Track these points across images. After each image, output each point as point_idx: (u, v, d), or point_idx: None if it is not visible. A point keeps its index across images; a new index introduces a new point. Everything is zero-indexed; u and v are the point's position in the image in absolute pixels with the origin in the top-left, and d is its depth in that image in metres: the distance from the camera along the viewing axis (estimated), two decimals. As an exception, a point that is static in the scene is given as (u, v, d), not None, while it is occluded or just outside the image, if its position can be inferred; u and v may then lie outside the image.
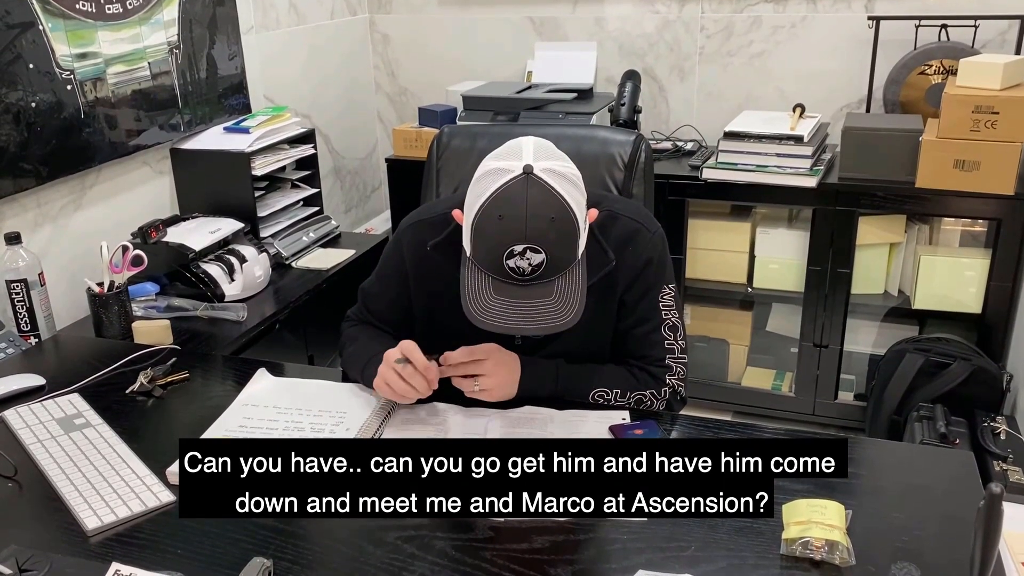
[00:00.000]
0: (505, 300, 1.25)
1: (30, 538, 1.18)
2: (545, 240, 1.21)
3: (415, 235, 1.51)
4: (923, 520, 1.16)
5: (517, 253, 1.21)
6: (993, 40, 2.69)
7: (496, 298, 1.25)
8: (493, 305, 1.25)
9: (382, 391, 1.42)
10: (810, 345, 2.77)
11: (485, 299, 1.26)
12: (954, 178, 2.44)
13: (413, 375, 1.38)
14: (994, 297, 2.55)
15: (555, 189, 1.22)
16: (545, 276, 1.24)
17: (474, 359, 1.41)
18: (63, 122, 2.04)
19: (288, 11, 2.93)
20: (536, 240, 1.21)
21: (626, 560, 1.10)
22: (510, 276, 1.24)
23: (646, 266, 1.46)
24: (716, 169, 2.68)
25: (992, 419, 2.34)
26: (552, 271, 1.24)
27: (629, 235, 1.46)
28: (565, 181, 1.24)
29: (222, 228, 2.27)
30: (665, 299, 1.49)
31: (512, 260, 1.22)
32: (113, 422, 1.45)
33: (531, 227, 1.20)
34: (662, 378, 1.49)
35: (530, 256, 1.21)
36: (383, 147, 3.55)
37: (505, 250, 1.21)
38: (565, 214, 1.22)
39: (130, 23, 2.22)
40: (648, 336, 1.49)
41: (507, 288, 1.25)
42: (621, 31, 3.09)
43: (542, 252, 1.21)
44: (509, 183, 1.22)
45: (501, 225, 1.21)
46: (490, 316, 1.25)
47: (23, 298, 1.87)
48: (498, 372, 1.41)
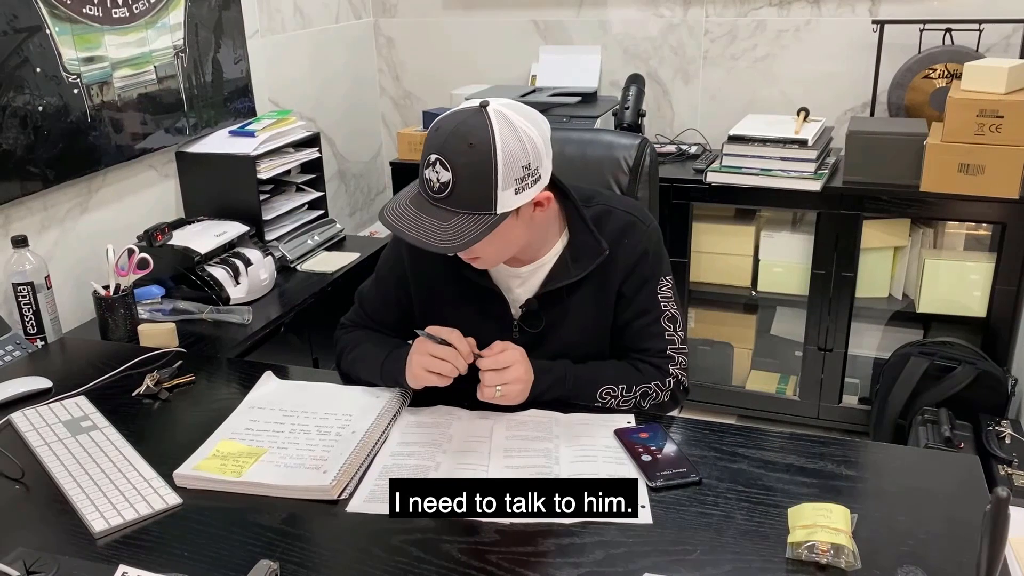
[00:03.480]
0: (410, 209, 1.31)
1: (37, 540, 1.18)
2: (455, 160, 1.26)
3: None
4: (928, 524, 1.16)
5: (430, 163, 1.28)
6: (998, 44, 2.69)
7: (407, 205, 1.32)
8: (400, 207, 1.32)
9: (422, 380, 1.39)
10: (814, 349, 2.77)
11: (400, 202, 1.33)
12: (958, 182, 2.44)
13: (456, 356, 1.37)
14: (999, 301, 2.55)
15: (495, 127, 1.27)
16: (447, 202, 1.28)
17: (501, 366, 1.38)
18: (69, 126, 2.05)
19: (293, 15, 2.94)
20: (447, 156, 1.26)
21: (631, 563, 1.10)
22: (425, 188, 1.30)
23: (642, 257, 1.48)
24: (720, 173, 2.68)
25: (997, 423, 2.34)
26: (455, 199, 1.28)
27: (624, 228, 1.48)
28: (511, 130, 1.28)
29: (227, 231, 2.28)
30: (663, 291, 1.50)
31: (428, 170, 1.29)
32: (119, 425, 1.45)
33: (448, 143, 1.27)
34: (665, 369, 1.50)
35: (439, 171, 1.27)
36: (387, 150, 3.56)
37: (426, 158, 1.29)
38: (485, 147, 1.26)
39: (136, 27, 2.23)
40: (648, 328, 1.50)
41: (419, 201, 1.32)
42: (625, 35, 3.10)
43: (449, 171, 1.26)
44: (462, 109, 1.30)
45: (432, 134, 1.29)
46: (391, 215, 1.31)
47: (29, 301, 1.88)
48: (520, 380, 1.39)
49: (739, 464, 1.30)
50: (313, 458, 1.32)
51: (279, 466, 1.30)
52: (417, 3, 3.33)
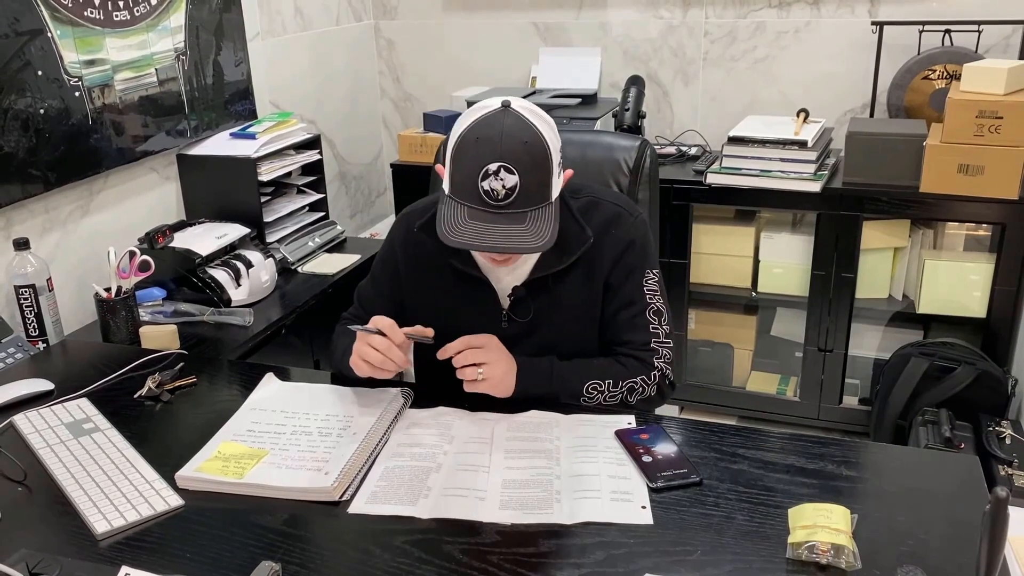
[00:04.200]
0: (478, 224, 1.28)
1: (40, 542, 1.18)
2: (519, 161, 1.26)
3: (404, 224, 1.57)
4: (928, 524, 1.16)
5: (492, 173, 1.26)
6: (997, 45, 2.70)
7: (469, 221, 1.28)
8: (465, 227, 1.28)
9: (359, 368, 1.44)
10: (815, 349, 2.77)
11: (459, 223, 1.29)
12: (958, 183, 2.44)
13: (388, 347, 1.39)
14: (999, 301, 2.55)
15: (529, 120, 1.29)
16: (518, 204, 1.28)
17: (472, 347, 1.41)
18: (71, 128, 2.06)
19: (294, 17, 2.94)
20: (509, 159, 1.26)
21: (632, 564, 1.10)
22: (484, 201, 1.27)
23: (628, 248, 1.49)
24: (720, 174, 2.68)
25: (997, 423, 2.35)
26: (525, 199, 1.27)
27: (611, 219, 1.49)
28: (540, 119, 1.31)
29: (228, 233, 2.28)
30: (649, 283, 1.51)
31: (487, 181, 1.26)
32: (121, 426, 1.46)
33: (505, 146, 1.26)
34: (650, 362, 1.50)
35: (504, 177, 1.26)
36: (388, 152, 3.56)
37: (480, 169, 1.26)
38: (538, 141, 1.28)
39: (137, 30, 2.24)
40: (633, 320, 1.51)
41: (481, 214, 1.28)
42: (625, 36, 3.10)
43: (515, 173, 1.26)
44: (487, 114, 1.29)
45: (478, 147, 1.27)
46: (462, 236, 1.27)
47: (31, 303, 1.88)
48: (500, 361, 1.42)
49: (739, 465, 1.30)
50: (315, 459, 1.32)
51: (281, 467, 1.31)
52: (417, 5, 3.34)
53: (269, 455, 1.34)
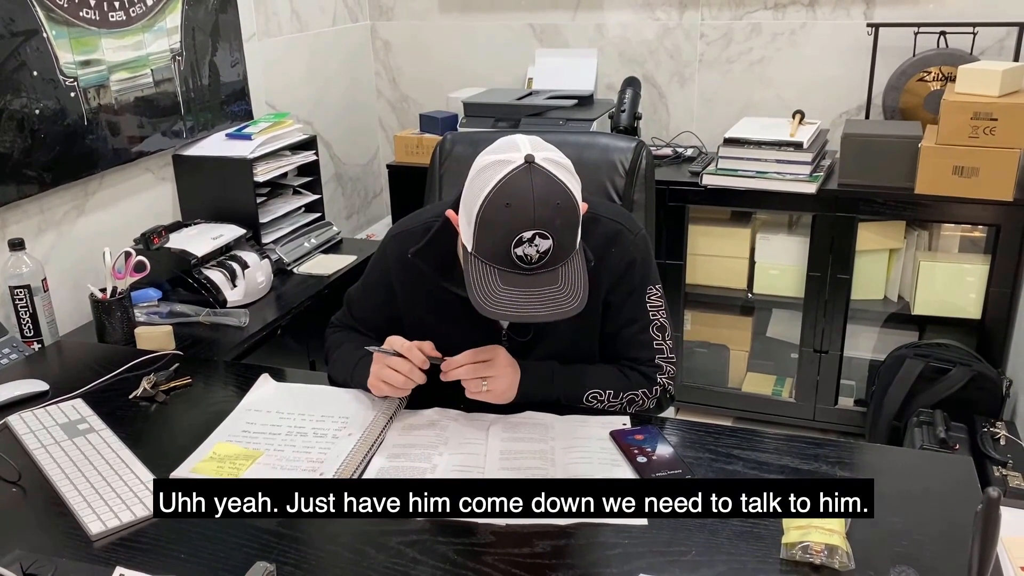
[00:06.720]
0: (513, 290, 1.25)
1: (34, 543, 1.18)
2: (552, 226, 1.23)
3: (398, 247, 1.51)
4: (922, 525, 1.16)
5: (526, 240, 1.22)
6: (992, 47, 2.70)
7: (504, 288, 1.25)
8: (502, 295, 1.25)
9: (378, 390, 1.44)
10: (810, 351, 2.77)
11: (493, 289, 1.25)
12: (953, 184, 2.44)
13: (411, 369, 1.40)
14: (993, 303, 2.55)
15: (557, 177, 1.24)
16: (551, 264, 1.25)
17: (481, 359, 1.40)
18: (66, 129, 2.05)
19: (290, 18, 2.94)
20: (544, 226, 1.22)
21: (627, 564, 1.10)
22: (516, 265, 1.24)
23: (630, 267, 1.48)
24: (716, 175, 2.69)
25: (992, 424, 2.35)
26: (557, 258, 1.25)
27: (611, 237, 1.47)
28: (564, 170, 1.27)
29: (224, 234, 2.28)
30: (652, 300, 1.50)
31: (520, 248, 1.23)
32: (116, 427, 1.46)
33: (539, 213, 1.21)
34: (653, 377, 1.50)
35: (538, 243, 1.23)
36: (384, 153, 3.56)
37: (514, 238, 1.22)
38: (569, 201, 1.24)
39: (133, 30, 2.23)
40: (637, 337, 1.50)
41: (513, 278, 1.25)
42: (621, 38, 3.11)
43: (550, 238, 1.23)
44: (512, 173, 1.23)
45: (509, 213, 1.22)
46: (499, 305, 1.24)
47: (26, 304, 1.88)
48: (505, 376, 1.41)
49: (734, 465, 1.31)
50: (310, 460, 1.32)
51: (276, 468, 1.31)
52: (413, 6, 3.34)
53: (264, 456, 1.34)
